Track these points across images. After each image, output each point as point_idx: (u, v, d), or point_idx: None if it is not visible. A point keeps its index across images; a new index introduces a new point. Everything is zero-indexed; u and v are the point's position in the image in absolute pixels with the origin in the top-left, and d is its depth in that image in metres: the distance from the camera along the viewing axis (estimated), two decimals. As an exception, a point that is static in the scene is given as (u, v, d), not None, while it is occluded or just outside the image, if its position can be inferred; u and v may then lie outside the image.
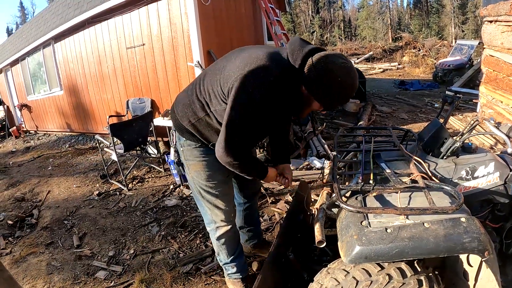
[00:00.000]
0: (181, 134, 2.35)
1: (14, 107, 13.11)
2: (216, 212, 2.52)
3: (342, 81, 1.79)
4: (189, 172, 2.43)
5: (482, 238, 1.50)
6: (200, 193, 2.47)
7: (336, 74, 1.77)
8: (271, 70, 1.86)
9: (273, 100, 1.91)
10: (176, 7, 6.57)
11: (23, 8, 63.38)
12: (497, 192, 2.12)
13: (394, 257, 1.53)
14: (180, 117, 2.30)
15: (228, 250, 2.68)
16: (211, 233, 2.66)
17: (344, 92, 1.86)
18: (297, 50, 1.88)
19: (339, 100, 1.92)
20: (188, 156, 2.38)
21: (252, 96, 1.86)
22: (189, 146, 2.34)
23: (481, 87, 6.96)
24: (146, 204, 4.97)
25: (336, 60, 1.79)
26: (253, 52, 1.95)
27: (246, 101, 1.88)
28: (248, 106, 1.89)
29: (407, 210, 1.61)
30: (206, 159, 2.34)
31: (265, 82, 1.85)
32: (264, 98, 1.87)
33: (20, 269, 3.76)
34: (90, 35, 8.41)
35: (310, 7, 47.01)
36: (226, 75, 1.97)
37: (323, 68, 1.78)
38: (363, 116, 8.22)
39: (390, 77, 17.77)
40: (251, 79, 1.85)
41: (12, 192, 6.27)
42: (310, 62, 1.82)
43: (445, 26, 41.78)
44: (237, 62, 1.95)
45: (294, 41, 1.95)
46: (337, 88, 1.81)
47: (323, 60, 1.80)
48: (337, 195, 1.79)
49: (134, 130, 5.67)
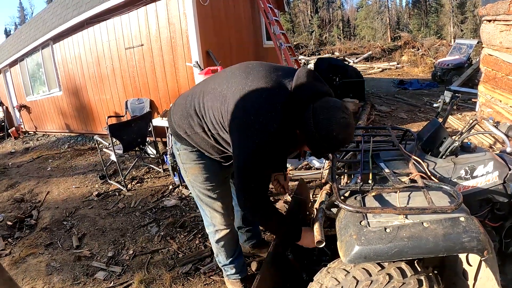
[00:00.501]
0: (178, 140, 2.34)
1: (13, 108, 13.10)
2: (215, 215, 2.52)
3: (338, 137, 1.77)
4: (187, 175, 2.43)
5: (481, 237, 1.50)
6: (199, 197, 2.47)
7: (333, 129, 1.74)
8: (273, 114, 1.82)
9: (277, 142, 1.88)
10: (175, 8, 6.57)
11: (22, 8, 63.33)
12: (496, 191, 2.12)
13: (393, 256, 1.53)
14: (177, 126, 2.29)
15: (227, 252, 2.69)
16: (210, 235, 2.67)
17: (337, 145, 1.85)
18: (301, 92, 1.84)
19: (330, 151, 1.96)
20: (184, 159, 2.37)
21: (256, 140, 1.84)
22: (186, 150, 2.33)
23: (480, 86, 6.96)
24: (145, 204, 4.96)
25: (337, 115, 1.75)
26: (255, 84, 1.90)
27: (250, 147, 1.86)
28: (253, 151, 1.87)
29: (406, 210, 1.61)
30: (203, 162, 2.34)
31: (268, 126, 1.81)
32: (268, 141, 1.84)
33: (19, 270, 3.75)
34: (89, 36, 8.41)
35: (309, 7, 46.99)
36: (227, 109, 1.94)
37: (322, 123, 1.74)
38: (362, 116, 8.22)
39: (389, 76, 17.77)
40: (252, 124, 1.83)
41: (12, 193, 6.27)
42: (311, 112, 1.77)
43: (444, 25, 41.77)
44: (238, 97, 1.89)
45: (302, 77, 1.89)
46: (330, 142, 1.79)
47: (324, 114, 1.75)
48: (336, 195, 1.79)
49: (133, 131, 5.66)
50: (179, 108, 2.29)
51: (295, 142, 1.95)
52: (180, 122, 2.25)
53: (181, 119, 2.24)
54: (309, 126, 1.76)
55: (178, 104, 2.34)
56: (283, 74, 1.96)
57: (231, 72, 2.09)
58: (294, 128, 1.87)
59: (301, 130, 1.84)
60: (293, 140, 1.93)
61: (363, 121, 7.78)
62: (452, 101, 2.47)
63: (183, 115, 2.23)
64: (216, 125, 2.05)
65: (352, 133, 1.88)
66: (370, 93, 12.12)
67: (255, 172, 1.92)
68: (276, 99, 1.84)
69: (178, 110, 2.29)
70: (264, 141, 1.83)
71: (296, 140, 1.93)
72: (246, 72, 1.99)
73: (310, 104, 1.79)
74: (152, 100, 7.63)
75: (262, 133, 1.81)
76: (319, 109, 1.76)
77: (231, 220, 2.64)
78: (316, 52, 29.52)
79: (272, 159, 1.96)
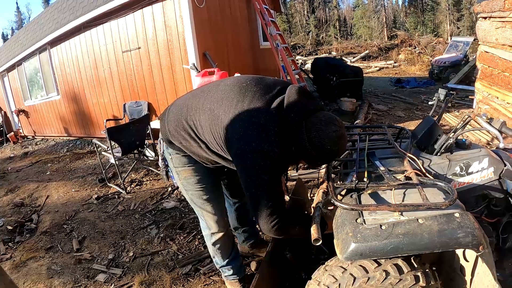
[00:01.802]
0: (170, 146, 2.36)
1: (11, 113, 13.10)
2: (209, 218, 2.55)
3: (331, 150, 1.85)
4: (180, 179, 2.45)
5: (476, 233, 1.52)
6: (192, 200, 2.50)
7: (326, 144, 1.82)
8: (272, 138, 1.86)
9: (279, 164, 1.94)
10: (171, 10, 6.59)
11: (19, 12, 63.25)
12: (492, 187, 2.14)
13: (389, 253, 1.55)
14: (171, 135, 2.28)
15: (223, 254, 2.71)
16: (206, 238, 2.70)
17: (331, 157, 1.96)
18: (293, 111, 1.87)
19: (326, 162, 2.03)
20: (177, 163, 2.39)
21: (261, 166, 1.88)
22: (178, 154, 2.35)
23: (477, 83, 7.00)
24: (145, 206, 4.97)
25: (329, 130, 1.82)
26: (252, 106, 1.93)
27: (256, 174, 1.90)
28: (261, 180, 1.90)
29: (401, 207, 1.63)
30: (195, 165, 2.37)
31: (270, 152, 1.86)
32: (271, 165, 1.89)
33: (20, 273, 3.76)
34: (86, 39, 8.41)
35: (306, 7, 46.98)
36: (227, 137, 1.96)
37: (315, 139, 1.82)
38: (360, 115, 8.23)
39: (386, 75, 17.81)
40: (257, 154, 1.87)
41: (11, 198, 6.27)
42: (304, 129, 1.84)
43: (440, 23, 41.80)
44: (238, 129, 1.91)
45: (292, 95, 1.92)
46: (325, 156, 1.88)
47: (316, 130, 1.82)
48: (332, 193, 1.81)
49: (131, 134, 5.67)
50: (174, 119, 2.27)
51: (293, 158, 2.00)
52: (175, 133, 2.25)
53: (177, 130, 2.24)
54: (303, 143, 1.83)
55: (172, 113, 2.31)
56: (276, 93, 1.99)
57: (226, 92, 2.07)
58: (290, 146, 1.91)
59: (296, 147, 1.89)
60: (291, 157, 1.97)
61: (361, 120, 7.79)
62: (446, 98, 2.49)
63: (178, 127, 2.23)
64: (216, 145, 2.07)
65: (345, 144, 1.97)
66: (367, 92, 12.13)
67: (267, 195, 1.93)
68: (272, 123, 1.88)
69: (173, 120, 2.27)
70: (268, 167, 1.87)
71: (294, 156, 1.97)
72: (241, 93, 2.00)
73: (303, 122, 1.85)
74: (150, 103, 7.64)
75: (265, 160, 1.86)
76: (311, 126, 1.83)
77: (226, 222, 2.67)
78: (313, 52, 29.58)
79: (277, 178, 1.99)
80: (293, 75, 8.40)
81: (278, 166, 1.94)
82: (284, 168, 2.15)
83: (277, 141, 1.86)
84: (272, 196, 1.94)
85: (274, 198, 1.94)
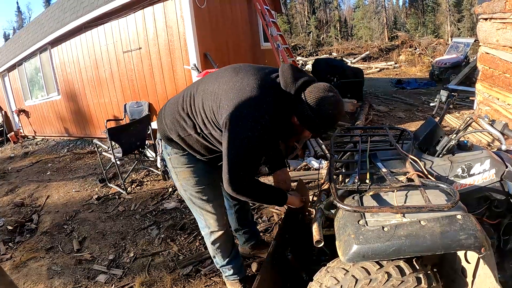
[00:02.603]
0: (168, 144, 2.37)
1: (12, 113, 13.11)
2: (208, 217, 2.55)
3: (333, 113, 1.94)
4: (178, 179, 2.45)
5: (478, 234, 1.51)
6: (191, 200, 2.49)
7: (327, 108, 1.92)
8: (265, 106, 1.94)
9: (269, 134, 1.98)
10: (172, 11, 6.59)
11: (20, 12, 63.31)
12: (493, 189, 2.13)
13: (391, 255, 1.54)
14: (169, 129, 2.31)
15: (223, 253, 2.71)
16: (205, 237, 2.69)
17: (333, 121, 1.98)
18: (290, 83, 1.97)
19: (329, 127, 2.04)
20: (175, 164, 2.40)
21: (249, 133, 1.92)
22: (176, 154, 2.36)
23: (478, 84, 6.99)
24: (145, 207, 4.97)
25: (327, 95, 1.93)
26: (246, 80, 2.00)
27: (244, 138, 1.92)
28: (246, 143, 1.93)
29: (404, 209, 1.63)
30: (193, 165, 2.38)
31: (261, 119, 1.91)
32: (260, 133, 1.93)
33: (20, 274, 3.76)
34: (87, 40, 8.42)
35: (306, 8, 47.00)
36: (219, 105, 2.00)
37: (316, 105, 1.91)
38: (360, 116, 8.24)
39: (386, 76, 17.80)
40: (245, 116, 1.91)
41: (12, 198, 6.27)
42: (303, 97, 1.94)
43: (441, 24, 41.83)
44: (230, 93, 1.98)
45: (286, 71, 2.01)
46: (327, 120, 1.95)
47: (315, 96, 1.92)
48: (334, 195, 1.80)
49: (132, 134, 5.67)
50: (170, 112, 2.32)
51: (292, 130, 2.10)
52: (172, 125, 2.29)
53: (173, 122, 2.28)
54: (305, 110, 1.93)
55: (168, 109, 2.37)
56: (269, 71, 2.10)
57: (220, 73, 2.18)
58: (289, 116, 2.02)
59: (298, 116, 1.99)
60: (288, 129, 2.08)
61: (361, 121, 7.79)
62: (448, 100, 2.49)
63: (175, 118, 2.27)
64: (208, 123, 2.11)
65: (343, 109, 2.06)
66: (368, 93, 12.13)
67: (246, 163, 1.98)
68: (267, 93, 1.96)
69: (169, 114, 2.33)
70: (256, 133, 1.92)
71: (293, 128, 2.07)
72: (235, 71, 2.10)
73: (301, 92, 1.96)
74: (150, 103, 7.65)
75: (255, 126, 1.91)
76: (310, 94, 1.93)
77: (225, 221, 2.66)
78: (313, 53, 29.57)
79: (264, 150, 2.07)
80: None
81: (266, 138, 1.98)
82: (272, 143, 2.19)
83: (270, 112, 1.93)
84: (250, 163, 2.01)
85: (250, 166, 2.02)
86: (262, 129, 1.92)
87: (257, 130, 1.91)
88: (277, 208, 4.28)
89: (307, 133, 2.11)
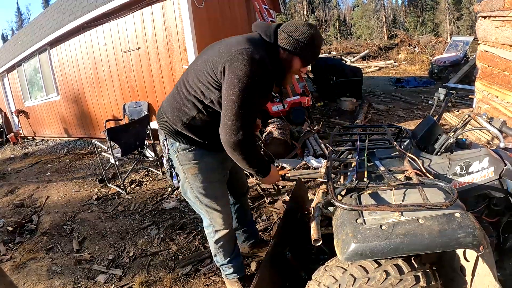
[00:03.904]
0: (175, 138, 2.35)
1: (11, 114, 13.11)
2: (214, 216, 2.54)
3: (311, 33, 2.13)
4: (186, 177, 2.43)
5: (477, 232, 1.51)
6: (198, 198, 2.48)
7: (305, 29, 2.13)
8: (256, 47, 2.06)
9: (265, 69, 2.05)
10: (171, 11, 6.59)
11: (20, 13, 63.28)
12: (492, 187, 2.13)
13: (389, 253, 1.54)
14: (172, 121, 2.31)
15: (225, 252, 2.71)
16: (209, 235, 2.68)
17: (315, 40, 2.17)
18: (266, 28, 2.19)
19: (313, 48, 2.20)
20: (183, 160, 2.38)
21: (247, 70, 1.97)
22: (184, 151, 2.34)
23: (477, 82, 7.00)
24: (145, 207, 4.97)
25: (301, 22, 2.19)
26: (232, 38, 2.20)
27: (243, 75, 1.97)
28: (246, 80, 1.97)
29: (401, 207, 1.63)
30: (201, 161, 2.36)
31: (255, 56, 2.00)
32: (257, 67, 1.99)
33: (20, 274, 3.76)
34: (86, 40, 8.43)
35: (305, 7, 47.07)
36: (213, 63, 2.07)
37: (293, 29, 2.13)
38: (360, 115, 8.23)
39: (386, 75, 17.78)
40: (242, 56, 1.99)
41: (11, 198, 6.27)
42: (281, 31, 2.16)
43: (440, 22, 41.86)
44: (220, 49, 2.10)
45: (258, 24, 2.28)
46: (310, 39, 2.13)
47: (290, 25, 2.17)
48: (331, 193, 1.80)
49: (131, 134, 5.67)
50: (169, 105, 2.36)
51: (283, 66, 2.22)
52: (174, 116, 2.30)
53: (174, 112, 2.30)
54: (287, 38, 2.13)
55: (166, 104, 2.41)
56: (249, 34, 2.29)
57: (204, 51, 2.34)
58: (277, 52, 2.18)
59: (283, 46, 2.15)
60: (280, 66, 2.21)
61: (361, 120, 7.79)
62: (446, 98, 2.49)
63: (175, 108, 2.30)
64: (207, 90, 2.15)
65: (320, 33, 2.26)
66: (367, 91, 12.12)
67: (245, 104, 2.01)
68: (253, 39, 2.15)
69: (169, 107, 2.35)
70: (254, 67, 1.98)
71: (283, 63, 2.20)
72: (217, 42, 2.30)
73: (277, 30, 2.18)
74: (149, 103, 7.65)
75: (252, 60, 1.98)
76: (287, 26, 2.18)
77: (230, 220, 2.66)
78: (313, 52, 29.50)
79: (262, 92, 2.13)
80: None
81: (262, 75, 2.04)
82: (270, 86, 2.23)
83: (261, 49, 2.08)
84: (249, 109, 2.05)
85: (252, 106, 2.07)
86: (258, 63, 1.99)
87: (254, 64, 1.97)
88: (276, 207, 4.29)
89: (297, 64, 2.22)
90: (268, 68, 2.05)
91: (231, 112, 2.00)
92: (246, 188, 3.10)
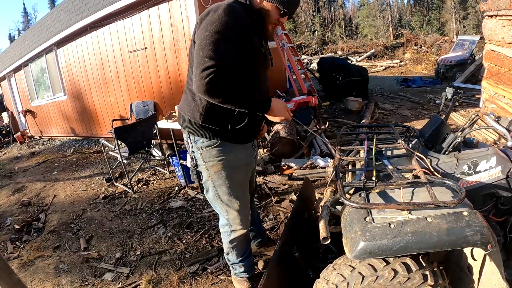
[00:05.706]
0: (198, 134, 2.31)
1: (18, 113, 13.19)
2: (233, 216, 2.52)
3: None
4: (210, 175, 2.40)
5: (485, 231, 1.52)
6: (219, 196, 2.45)
7: None
8: (228, 2, 2.06)
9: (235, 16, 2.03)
10: (177, 10, 6.60)
11: (26, 13, 63.61)
12: (499, 186, 2.13)
13: (398, 252, 1.55)
14: (190, 116, 2.29)
15: (238, 252, 2.71)
16: (224, 234, 2.68)
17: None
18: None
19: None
20: (207, 158, 2.35)
21: (214, 17, 1.98)
22: (208, 147, 2.31)
23: (483, 82, 6.97)
24: (152, 206, 5.00)
25: None
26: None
27: (210, 23, 1.97)
28: (211, 26, 1.95)
29: (410, 205, 1.63)
30: (225, 158, 2.33)
31: (224, 5, 2.02)
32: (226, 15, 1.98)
33: (28, 272, 3.80)
34: (92, 40, 8.47)
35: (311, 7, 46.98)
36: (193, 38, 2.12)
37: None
38: (366, 114, 8.22)
39: (392, 74, 17.74)
40: (210, 9, 2.04)
41: (19, 197, 6.32)
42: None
43: (446, 22, 41.63)
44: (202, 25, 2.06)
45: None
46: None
47: None
48: (341, 192, 1.81)
49: (138, 133, 5.70)
50: (184, 103, 2.37)
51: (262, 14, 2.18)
52: (190, 108, 2.28)
53: (189, 105, 2.29)
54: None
55: (181, 103, 2.42)
56: None
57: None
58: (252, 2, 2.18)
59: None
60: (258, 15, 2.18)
61: (367, 119, 7.78)
62: (453, 97, 2.49)
63: (188, 101, 2.30)
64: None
65: None
66: (373, 91, 12.10)
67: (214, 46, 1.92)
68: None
69: (184, 105, 2.35)
70: (220, 16, 1.98)
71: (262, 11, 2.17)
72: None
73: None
74: (156, 103, 7.67)
75: (216, 12, 2.00)
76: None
77: (249, 221, 2.64)
78: (318, 51, 29.55)
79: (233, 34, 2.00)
80: (299, 75, 8.41)
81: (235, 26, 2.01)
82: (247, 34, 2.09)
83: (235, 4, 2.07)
84: (219, 55, 1.92)
85: (220, 58, 1.92)
86: (226, 9, 1.99)
87: (221, 11, 1.98)
88: (283, 206, 4.29)
89: (274, 12, 2.16)
90: (238, 15, 2.04)
91: (197, 60, 1.93)
92: (254, 187, 3.09)
